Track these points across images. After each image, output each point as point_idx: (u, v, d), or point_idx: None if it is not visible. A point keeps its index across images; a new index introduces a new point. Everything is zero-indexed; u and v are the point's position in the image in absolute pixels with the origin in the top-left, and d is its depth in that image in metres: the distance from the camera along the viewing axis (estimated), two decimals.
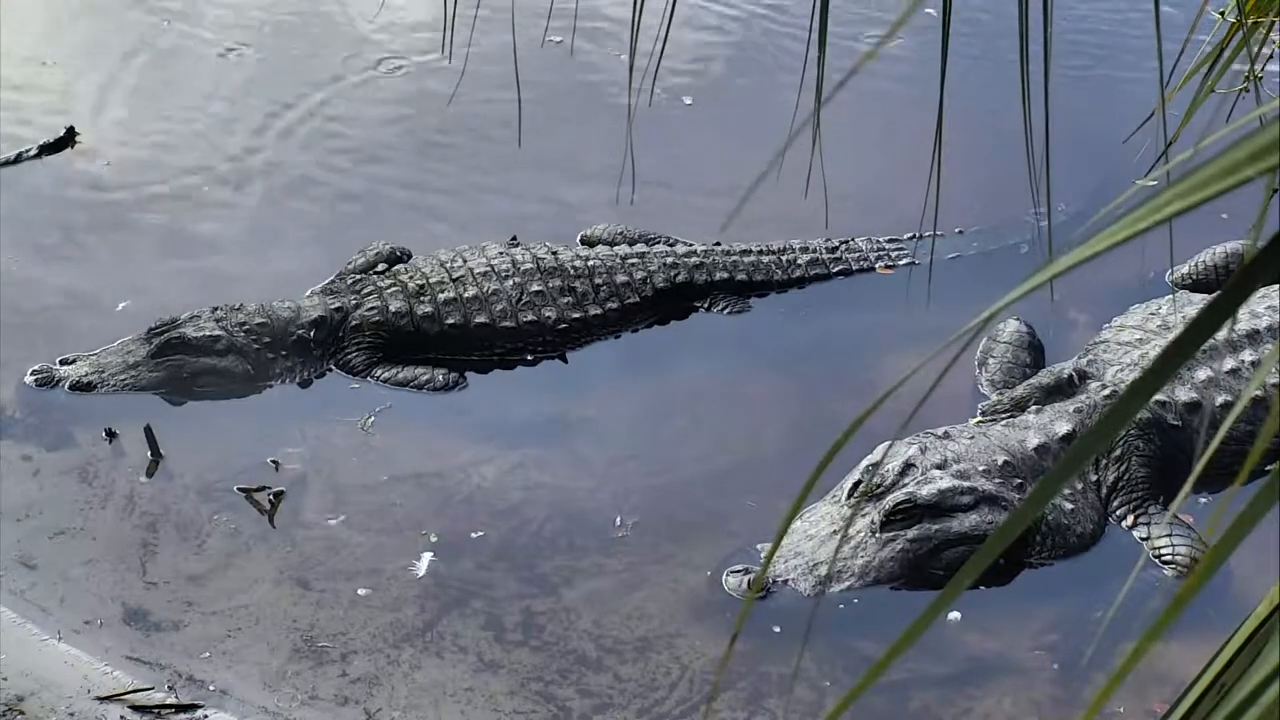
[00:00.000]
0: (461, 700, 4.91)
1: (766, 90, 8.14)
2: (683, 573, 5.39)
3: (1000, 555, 1.52)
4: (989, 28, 8.49)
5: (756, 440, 6.05)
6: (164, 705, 4.81)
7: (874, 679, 1.50)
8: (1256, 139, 1.36)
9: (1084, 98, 7.82)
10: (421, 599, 5.28)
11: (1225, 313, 1.38)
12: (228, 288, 6.61)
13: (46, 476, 5.73)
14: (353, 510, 5.63)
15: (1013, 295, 1.48)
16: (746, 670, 5.02)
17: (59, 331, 6.39)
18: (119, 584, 5.29)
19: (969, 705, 4.98)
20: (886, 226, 7.02)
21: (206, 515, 5.58)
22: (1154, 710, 4.87)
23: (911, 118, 6.03)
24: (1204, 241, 6.72)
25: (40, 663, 4.94)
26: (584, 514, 5.66)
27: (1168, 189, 1.39)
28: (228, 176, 7.45)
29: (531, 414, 6.17)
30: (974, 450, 5.53)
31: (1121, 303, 6.44)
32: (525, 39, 7.79)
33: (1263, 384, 5.86)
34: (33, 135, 7.56)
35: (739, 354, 6.53)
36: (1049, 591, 5.35)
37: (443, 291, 6.43)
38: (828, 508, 5.49)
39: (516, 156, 7.36)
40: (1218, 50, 3.42)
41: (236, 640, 5.10)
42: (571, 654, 5.09)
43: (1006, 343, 6.32)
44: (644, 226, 7.01)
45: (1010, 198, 6.47)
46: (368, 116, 7.95)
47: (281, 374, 6.29)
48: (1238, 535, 1.39)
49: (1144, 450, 5.63)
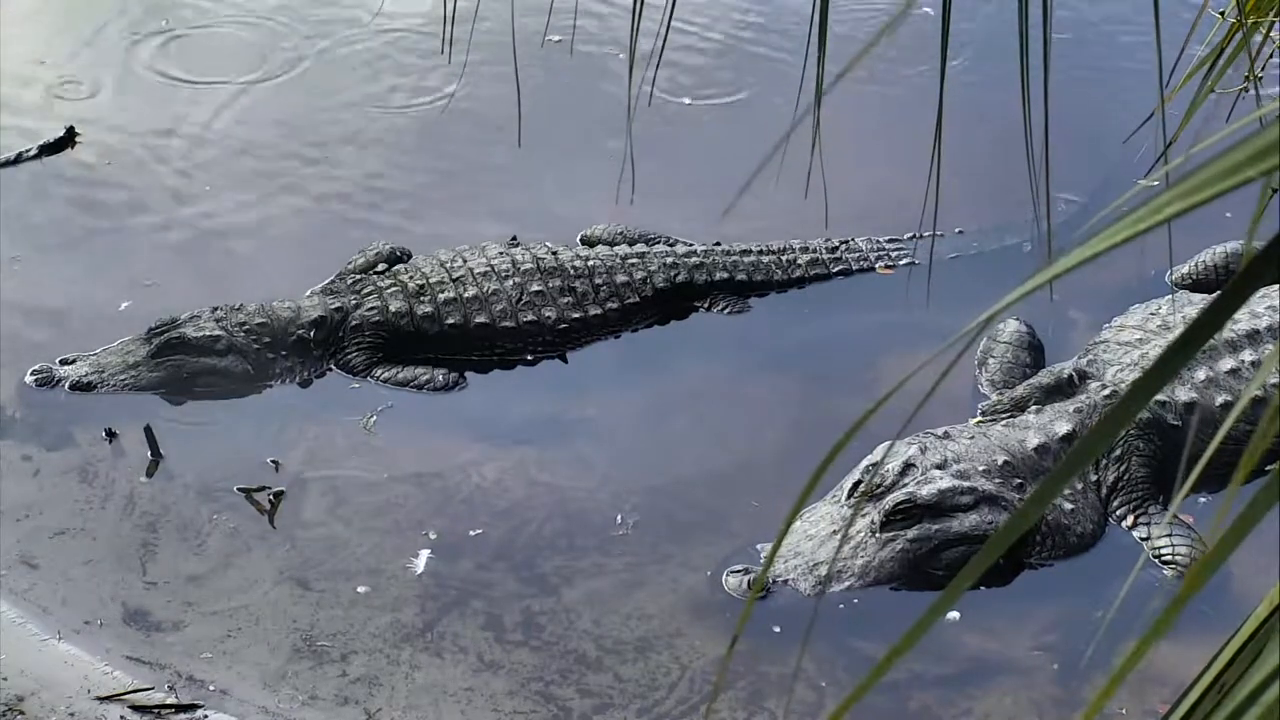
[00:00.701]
0: (461, 700, 4.91)
1: (767, 89, 8.13)
2: (683, 573, 5.39)
3: (1000, 555, 1.52)
4: (989, 27, 8.48)
5: (756, 440, 6.04)
6: (164, 705, 4.82)
7: (875, 680, 1.50)
8: (1257, 140, 1.36)
9: (1084, 98, 7.81)
10: (421, 599, 5.28)
11: (1225, 313, 1.38)
12: (228, 288, 6.61)
13: (46, 476, 5.73)
14: (353, 510, 5.64)
15: (1013, 296, 1.48)
16: (746, 670, 5.02)
17: (59, 331, 6.39)
18: (119, 584, 5.29)
19: (969, 705, 4.98)
20: (886, 226, 7.02)
21: (206, 515, 5.58)
22: (1154, 710, 4.87)
23: (911, 117, 6.03)
24: (1204, 241, 6.72)
25: (40, 663, 4.94)
26: (584, 514, 5.66)
27: (1168, 190, 1.39)
28: (227, 176, 7.45)
29: (531, 414, 6.17)
30: (974, 450, 5.53)
31: (1121, 303, 6.44)
32: (525, 39, 7.79)
33: (1263, 384, 5.85)
34: (33, 135, 7.57)
35: (739, 354, 6.52)
36: (1049, 591, 5.35)
37: (443, 291, 6.43)
38: (827, 508, 5.48)
39: (516, 156, 7.36)
40: (1218, 50, 3.42)
41: (236, 640, 5.10)
42: (571, 654, 5.09)
43: (1006, 343, 6.31)
44: (644, 226, 7.01)
45: (1010, 198, 6.46)
46: (368, 116, 7.94)
47: (281, 374, 6.29)
48: (1237, 536, 1.39)
49: (1144, 450, 5.63)
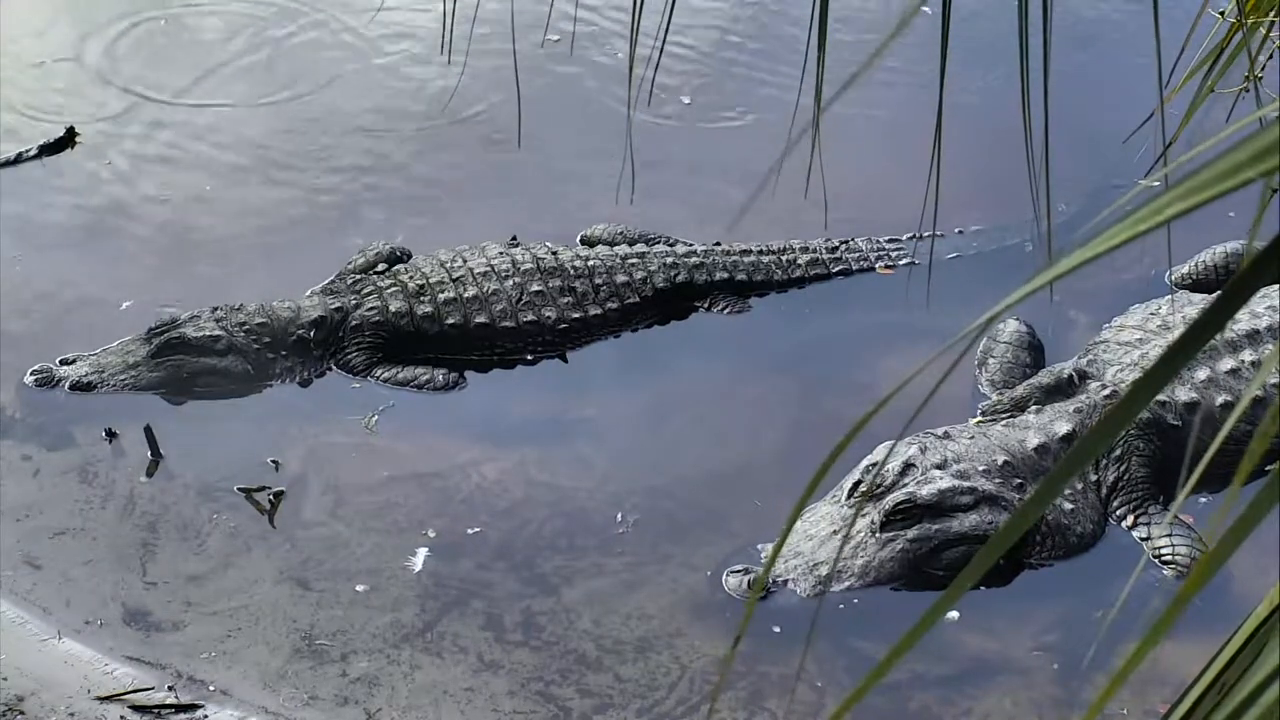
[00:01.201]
0: (461, 700, 4.91)
1: (766, 88, 8.13)
2: (683, 573, 5.39)
3: (1000, 555, 1.52)
4: (988, 27, 8.48)
5: (756, 440, 6.04)
6: (164, 705, 4.82)
7: (875, 681, 1.50)
8: (1257, 140, 1.36)
9: (1084, 97, 7.81)
10: (421, 599, 5.28)
11: (1226, 313, 1.38)
12: (228, 288, 6.61)
13: (46, 476, 5.73)
14: (353, 510, 5.64)
15: (1013, 297, 1.48)
16: (746, 670, 5.02)
17: (59, 331, 6.39)
18: (119, 584, 5.29)
19: (969, 705, 4.98)
20: (886, 226, 7.02)
21: (206, 515, 5.58)
22: (1155, 710, 4.87)
23: (911, 117, 6.03)
24: (1205, 241, 6.72)
25: (40, 662, 4.94)
26: (584, 514, 5.66)
27: (1169, 190, 1.39)
28: (227, 176, 7.45)
29: (531, 414, 6.17)
30: (974, 450, 5.53)
31: (1121, 303, 6.44)
32: (524, 38, 7.79)
33: (1263, 384, 5.85)
34: (33, 135, 7.57)
35: (739, 354, 6.52)
36: (1049, 591, 5.35)
37: (443, 291, 6.43)
38: (828, 508, 5.48)
39: (516, 156, 7.37)
40: (1218, 50, 3.42)
41: (236, 640, 5.09)
42: (571, 654, 5.09)
43: (1006, 343, 6.31)
44: (644, 226, 7.01)
45: (1010, 198, 6.46)
46: (368, 116, 7.94)
47: (281, 374, 6.29)
48: (1237, 536, 1.39)
49: (1144, 450, 5.63)
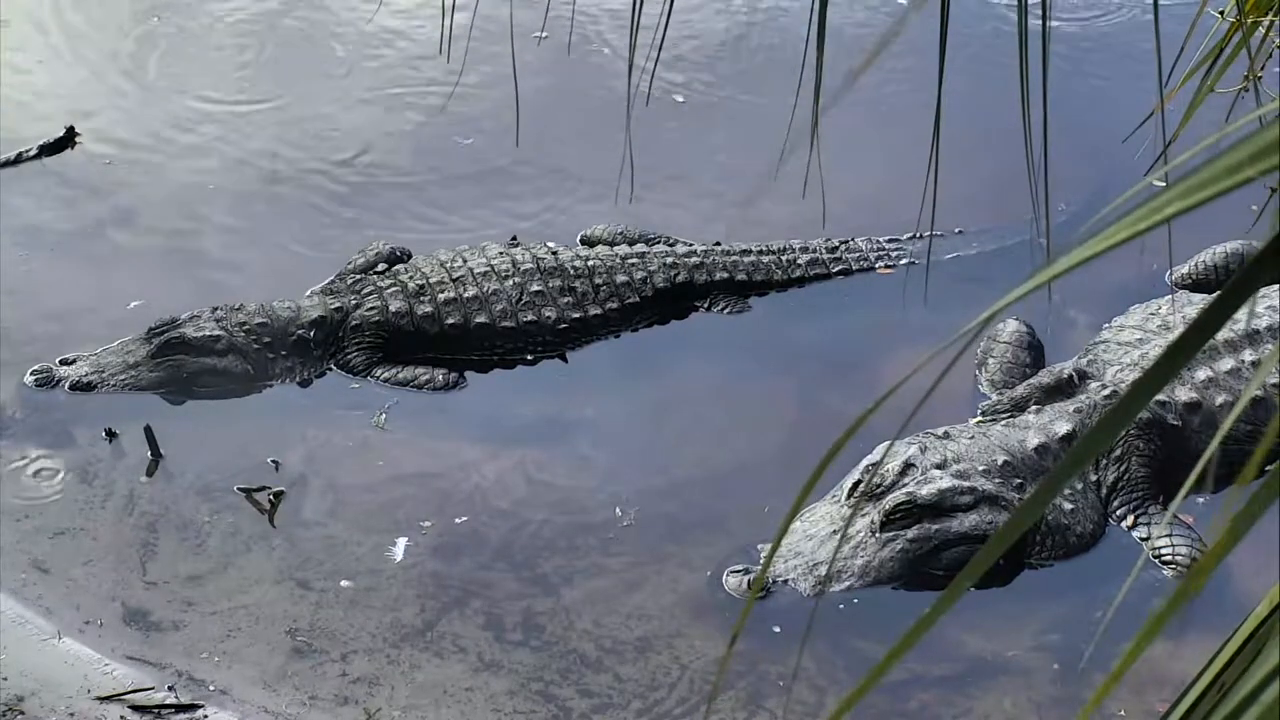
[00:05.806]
0: (461, 700, 4.91)
1: (766, 87, 8.13)
2: (683, 573, 5.39)
3: (1000, 555, 1.52)
4: (989, 27, 8.48)
5: (756, 440, 6.04)
6: (164, 705, 4.82)
7: (875, 681, 1.50)
8: (1257, 139, 1.36)
9: (1084, 97, 7.81)
10: (422, 599, 5.28)
11: (1225, 313, 1.38)
12: (228, 287, 6.61)
13: (46, 476, 5.73)
14: (353, 510, 5.64)
15: (1012, 296, 1.48)
16: (746, 670, 5.02)
17: (60, 331, 6.39)
18: (119, 584, 5.29)
19: (969, 705, 4.98)
20: (886, 226, 7.01)
21: (206, 515, 5.58)
22: (1154, 710, 4.87)
23: (910, 117, 6.03)
24: (1204, 241, 6.71)
25: (40, 662, 4.94)
26: (584, 514, 5.66)
27: (1169, 190, 1.39)
28: (227, 175, 7.45)
29: (531, 414, 6.17)
30: (974, 450, 5.53)
31: (1121, 303, 6.44)
32: (522, 37, 7.79)
33: (1263, 384, 5.85)
34: (33, 135, 7.56)
35: (739, 354, 6.52)
36: (1049, 591, 5.35)
37: (443, 291, 6.43)
38: (827, 508, 5.48)
39: (515, 155, 7.37)
40: (1217, 50, 3.42)
41: (236, 640, 5.10)
42: (571, 654, 5.09)
43: (1006, 343, 6.31)
44: (643, 226, 7.01)
45: (1010, 198, 6.46)
46: (368, 115, 7.94)
47: (281, 374, 6.29)
48: (1237, 535, 1.39)
49: (1144, 450, 5.63)
